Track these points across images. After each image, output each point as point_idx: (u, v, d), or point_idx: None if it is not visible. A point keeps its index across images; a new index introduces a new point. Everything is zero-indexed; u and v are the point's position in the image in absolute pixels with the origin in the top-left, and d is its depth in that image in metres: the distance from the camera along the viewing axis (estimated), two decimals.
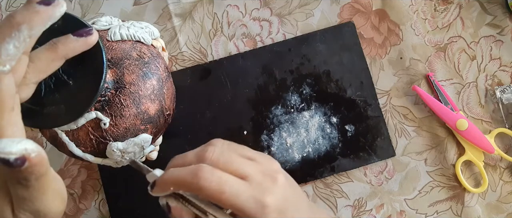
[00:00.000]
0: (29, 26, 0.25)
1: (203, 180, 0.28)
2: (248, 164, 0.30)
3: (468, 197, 0.49)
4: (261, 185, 0.29)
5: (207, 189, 0.28)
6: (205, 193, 0.28)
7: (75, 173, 0.51)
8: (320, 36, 0.51)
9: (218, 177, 0.28)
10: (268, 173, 0.30)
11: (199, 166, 0.29)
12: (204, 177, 0.28)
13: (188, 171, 0.29)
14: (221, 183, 0.28)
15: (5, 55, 0.24)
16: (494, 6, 0.52)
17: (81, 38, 0.29)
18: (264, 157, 0.33)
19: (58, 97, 0.32)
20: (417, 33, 0.52)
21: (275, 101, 0.51)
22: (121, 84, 0.37)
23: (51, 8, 0.26)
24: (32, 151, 0.22)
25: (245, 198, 0.28)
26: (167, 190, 0.30)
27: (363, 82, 0.51)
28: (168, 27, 0.53)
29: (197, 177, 0.28)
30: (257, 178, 0.29)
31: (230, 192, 0.28)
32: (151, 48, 0.41)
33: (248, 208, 0.28)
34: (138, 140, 0.37)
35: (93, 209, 0.50)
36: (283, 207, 0.29)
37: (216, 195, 0.28)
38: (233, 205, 0.28)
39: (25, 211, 0.25)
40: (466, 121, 0.48)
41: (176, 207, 0.30)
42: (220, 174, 0.28)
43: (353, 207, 0.50)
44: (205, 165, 0.29)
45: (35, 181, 0.24)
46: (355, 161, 0.49)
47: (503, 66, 0.51)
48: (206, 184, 0.28)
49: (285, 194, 0.30)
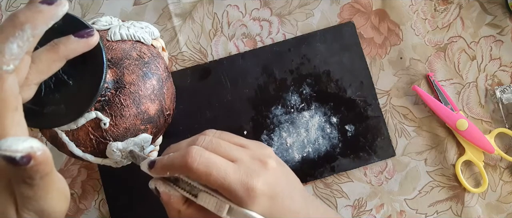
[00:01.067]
0: (33, 26, 0.25)
1: (191, 161, 0.28)
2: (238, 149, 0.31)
3: (468, 197, 0.49)
4: (249, 168, 0.29)
5: (195, 170, 0.28)
6: (193, 174, 0.28)
7: (75, 173, 0.51)
8: (320, 36, 0.51)
9: (206, 158, 0.28)
10: (259, 157, 0.30)
11: (188, 148, 0.29)
12: (192, 158, 0.28)
13: (178, 154, 0.29)
14: (209, 165, 0.28)
15: (9, 55, 0.24)
16: (494, 6, 0.52)
17: (82, 39, 0.29)
18: (257, 144, 0.33)
19: (58, 97, 0.32)
20: (417, 33, 0.52)
21: (275, 101, 0.51)
22: (121, 84, 0.37)
23: (53, 7, 0.26)
24: (38, 149, 0.22)
25: (232, 179, 0.28)
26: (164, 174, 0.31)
27: (363, 82, 0.51)
28: (168, 27, 0.53)
29: (185, 158, 0.28)
30: (246, 161, 0.30)
31: (218, 173, 0.28)
32: (151, 48, 0.41)
33: (235, 190, 0.28)
34: (138, 140, 0.37)
35: (93, 209, 0.50)
36: (273, 192, 0.29)
37: (203, 176, 0.28)
38: (220, 186, 0.28)
39: (29, 210, 0.25)
40: (466, 121, 0.48)
41: (164, 191, 0.31)
42: (208, 155, 0.29)
43: (353, 207, 0.50)
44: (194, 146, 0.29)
45: (39, 180, 0.24)
46: (355, 161, 0.49)
47: (503, 66, 0.51)
48: (194, 165, 0.28)
49: (276, 179, 0.30)
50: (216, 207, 0.29)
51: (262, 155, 0.31)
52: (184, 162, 0.29)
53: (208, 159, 0.29)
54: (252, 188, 0.28)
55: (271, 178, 0.30)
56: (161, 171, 0.31)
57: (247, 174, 0.29)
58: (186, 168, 0.28)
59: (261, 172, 0.29)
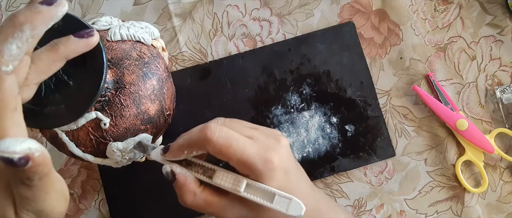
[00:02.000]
0: (32, 26, 0.25)
1: (211, 133, 0.29)
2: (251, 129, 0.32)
3: (468, 197, 0.49)
4: (266, 143, 0.30)
5: (215, 142, 0.29)
6: (213, 146, 0.29)
7: (75, 173, 0.51)
8: (320, 36, 0.51)
9: (225, 132, 0.29)
10: (272, 135, 0.32)
11: (206, 123, 0.30)
12: (212, 130, 0.29)
13: (196, 129, 0.30)
14: (228, 137, 0.29)
15: (8, 56, 0.24)
16: (494, 6, 0.52)
17: (82, 39, 0.29)
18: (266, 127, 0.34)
19: (58, 97, 0.32)
20: (417, 33, 0.52)
21: (275, 101, 0.51)
22: (121, 85, 0.37)
23: (53, 8, 0.26)
24: (36, 150, 0.22)
25: (251, 152, 0.29)
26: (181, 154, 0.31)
27: (363, 82, 0.51)
28: (168, 27, 0.53)
29: (204, 132, 0.29)
30: (261, 138, 0.31)
31: (237, 145, 0.29)
32: (151, 48, 0.41)
33: (254, 163, 0.29)
34: (138, 140, 0.37)
35: (93, 209, 0.50)
36: (287, 167, 0.30)
37: (223, 148, 0.29)
38: (240, 158, 0.29)
39: (28, 211, 0.25)
40: (466, 121, 0.48)
41: (181, 173, 0.31)
42: (227, 130, 0.30)
43: (353, 207, 0.50)
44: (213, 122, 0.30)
45: (38, 180, 0.24)
46: (355, 161, 0.49)
47: (503, 66, 0.51)
48: (214, 138, 0.29)
49: (289, 156, 0.31)
50: (234, 184, 0.30)
51: (274, 134, 0.32)
52: (203, 135, 0.29)
53: (227, 132, 0.29)
54: (271, 161, 0.29)
55: (285, 153, 0.31)
56: (177, 152, 0.31)
57: (264, 148, 0.30)
58: (206, 140, 0.29)
59: (276, 147, 0.30)
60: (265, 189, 0.29)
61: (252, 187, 0.29)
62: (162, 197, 0.49)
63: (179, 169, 0.31)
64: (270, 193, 0.29)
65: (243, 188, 0.29)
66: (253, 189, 0.29)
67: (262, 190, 0.29)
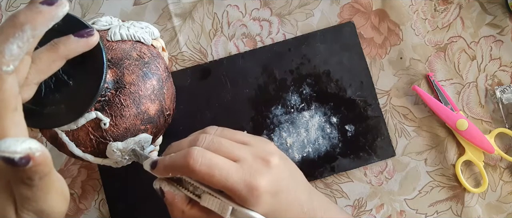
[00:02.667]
0: (33, 26, 0.25)
1: (193, 162, 0.28)
2: (240, 147, 0.31)
3: (468, 197, 0.49)
4: (252, 167, 0.29)
5: (198, 171, 0.28)
6: (196, 175, 0.28)
7: (75, 173, 0.51)
8: (320, 36, 0.51)
9: (208, 159, 0.28)
10: (261, 155, 0.30)
11: (190, 149, 0.29)
12: (194, 159, 0.28)
13: (180, 155, 0.29)
14: (211, 165, 0.28)
15: (9, 56, 0.24)
16: (494, 6, 0.52)
17: (82, 39, 0.29)
18: (259, 140, 0.33)
19: (58, 97, 0.32)
20: (417, 33, 0.52)
21: (275, 101, 0.51)
22: (121, 85, 0.37)
23: (54, 8, 0.26)
24: (37, 150, 0.22)
25: (235, 180, 0.28)
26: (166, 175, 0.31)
27: (363, 82, 0.51)
28: (168, 27, 0.53)
29: (187, 159, 0.28)
30: (249, 160, 0.30)
31: (220, 174, 0.28)
32: (151, 48, 0.41)
33: (239, 190, 0.28)
34: (138, 140, 0.37)
35: (93, 209, 0.50)
36: (277, 188, 0.30)
37: (206, 177, 0.28)
38: (224, 187, 0.28)
39: (28, 211, 0.25)
40: (466, 121, 0.48)
41: (169, 191, 0.31)
42: (210, 156, 0.29)
43: (353, 207, 0.50)
44: (196, 147, 0.29)
45: (39, 180, 0.24)
46: (355, 161, 0.49)
47: (503, 66, 0.51)
48: (196, 167, 0.28)
49: (279, 176, 0.30)
50: (220, 209, 0.29)
51: (264, 152, 0.31)
52: (186, 163, 0.28)
53: (210, 160, 0.29)
54: (256, 187, 0.28)
55: (274, 175, 0.30)
56: (163, 172, 0.31)
57: (250, 174, 0.29)
58: (188, 169, 0.29)
59: (264, 170, 0.29)
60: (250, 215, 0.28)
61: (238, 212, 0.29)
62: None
63: (168, 187, 0.31)
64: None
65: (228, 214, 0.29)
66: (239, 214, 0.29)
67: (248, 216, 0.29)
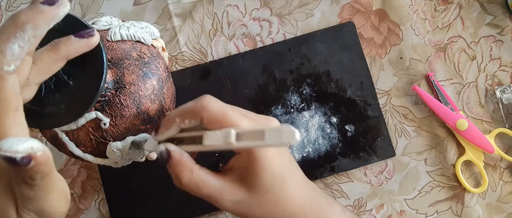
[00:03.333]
0: (34, 26, 0.25)
1: (207, 101, 0.29)
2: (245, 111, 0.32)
3: (468, 197, 0.49)
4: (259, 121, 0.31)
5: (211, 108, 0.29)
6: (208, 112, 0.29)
7: (75, 173, 0.51)
8: (320, 36, 0.51)
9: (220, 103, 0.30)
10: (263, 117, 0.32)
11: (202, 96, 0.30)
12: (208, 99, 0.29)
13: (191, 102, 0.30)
14: (224, 106, 0.29)
15: (10, 55, 0.24)
16: (494, 6, 0.52)
17: (83, 40, 0.29)
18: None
19: (58, 97, 0.32)
20: (417, 33, 0.52)
21: (275, 101, 0.51)
22: (121, 85, 0.37)
23: (55, 8, 0.26)
24: (38, 149, 0.22)
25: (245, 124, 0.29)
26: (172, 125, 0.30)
27: (363, 82, 0.51)
28: (168, 27, 0.53)
29: (201, 100, 0.29)
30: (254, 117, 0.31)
31: (232, 114, 0.29)
32: (151, 48, 0.41)
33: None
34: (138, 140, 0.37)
35: (93, 209, 0.50)
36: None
37: (218, 116, 0.29)
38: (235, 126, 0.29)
39: (29, 210, 0.25)
40: (466, 121, 0.48)
41: (175, 150, 0.30)
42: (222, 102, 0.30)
43: (353, 207, 0.50)
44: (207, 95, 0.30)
45: (40, 180, 0.24)
46: (355, 161, 0.49)
47: (503, 66, 0.51)
48: (210, 104, 0.29)
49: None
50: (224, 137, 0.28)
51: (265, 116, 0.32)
52: (200, 103, 0.29)
53: (222, 103, 0.30)
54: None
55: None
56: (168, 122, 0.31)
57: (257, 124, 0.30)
58: (202, 107, 0.29)
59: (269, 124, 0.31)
60: (255, 129, 0.28)
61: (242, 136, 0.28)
62: (162, 197, 0.49)
63: (173, 147, 0.30)
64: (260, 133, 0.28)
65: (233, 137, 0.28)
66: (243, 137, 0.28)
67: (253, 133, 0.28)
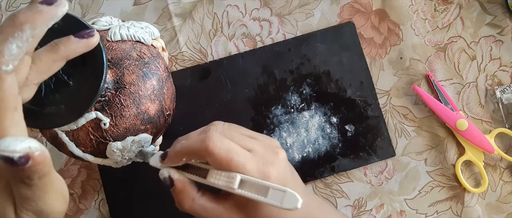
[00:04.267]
0: (32, 26, 0.25)
1: (212, 145, 0.29)
2: (250, 140, 0.32)
3: (468, 197, 0.49)
4: (264, 157, 0.30)
5: (217, 155, 0.29)
6: (214, 159, 0.29)
7: (75, 173, 0.51)
8: (320, 36, 0.51)
9: (226, 144, 0.29)
10: (270, 148, 0.31)
11: (208, 134, 0.29)
12: (214, 142, 0.29)
13: (197, 139, 0.30)
14: (230, 150, 0.29)
15: (8, 55, 0.24)
16: (494, 6, 0.52)
17: (83, 40, 0.29)
18: (264, 136, 0.34)
19: (58, 97, 0.32)
20: (417, 33, 0.52)
21: (275, 101, 0.51)
22: (121, 85, 0.37)
23: (53, 8, 0.26)
24: (36, 149, 0.22)
25: (251, 167, 0.29)
26: (179, 161, 0.31)
27: (363, 82, 0.51)
28: (168, 27, 0.53)
29: (206, 143, 0.29)
30: (260, 151, 0.31)
31: (238, 160, 0.29)
32: (151, 48, 0.41)
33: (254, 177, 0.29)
34: (138, 140, 0.37)
35: (93, 209, 0.50)
36: (284, 180, 0.31)
37: (224, 162, 0.29)
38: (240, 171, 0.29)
39: (28, 210, 0.25)
40: (466, 121, 0.48)
41: (179, 179, 0.31)
42: (228, 142, 0.29)
43: (353, 207, 0.50)
44: (213, 132, 0.30)
45: (38, 180, 0.24)
46: (355, 161, 0.49)
47: (503, 66, 0.51)
48: (216, 150, 0.29)
49: (286, 169, 0.32)
50: (227, 180, 0.29)
51: (272, 146, 0.32)
52: (205, 146, 0.29)
53: (229, 145, 0.29)
54: (268, 176, 0.29)
55: (282, 167, 0.31)
56: (175, 158, 0.31)
57: (263, 163, 0.30)
58: (207, 152, 0.29)
59: (275, 161, 0.30)
60: (259, 183, 0.29)
61: (246, 183, 0.29)
62: (162, 197, 0.49)
63: (177, 175, 0.31)
64: (264, 188, 0.28)
65: (236, 184, 0.29)
66: (247, 185, 0.29)
67: (256, 185, 0.29)
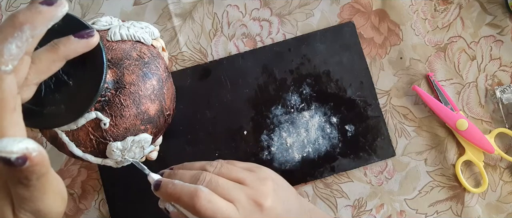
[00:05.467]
0: (32, 26, 0.25)
1: (199, 205, 0.31)
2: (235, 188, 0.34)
3: (468, 197, 0.49)
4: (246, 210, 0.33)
5: (203, 213, 0.31)
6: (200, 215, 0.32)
7: (75, 173, 0.51)
8: (320, 36, 0.51)
9: (213, 204, 0.32)
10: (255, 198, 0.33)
11: (197, 190, 0.32)
12: (200, 203, 0.31)
13: (187, 192, 0.32)
14: (215, 210, 0.31)
15: (8, 55, 0.24)
16: (494, 6, 0.52)
17: (83, 40, 0.29)
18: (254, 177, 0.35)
19: (58, 97, 0.32)
20: (417, 33, 0.52)
21: (275, 101, 0.51)
22: (121, 85, 0.37)
23: (53, 8, 0.26)
24: (33, 150, 0.22)
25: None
26: (168, 201, 0.34)
27: (363, 82, 0.51)
28: (168, 27, 0.53)
29: (194, 201, 0.32)
30: (244, 203, 0.33)
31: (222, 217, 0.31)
32: (151, 48, 0.41)
33: None
34: (138, 140, 0.37)
35: (93, 209, 0.50)
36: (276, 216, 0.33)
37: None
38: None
39: (25, 211, 0.25)
40: (466, 121, 0.48)
41: (173, 211, 0.34)
42: (215, 201, 0.32)
43: (353, 207, 0.50)
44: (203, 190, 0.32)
45: (36, 180, 0.24)
46: (355, 161, 0.49)
47: (503, 66, 0.51)
48: (202, 209, 0.31)
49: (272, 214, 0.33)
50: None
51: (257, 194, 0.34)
52: (192, 204, 0.32)
53: (215, 204, 0.32)
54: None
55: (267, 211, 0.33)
56: (167, 198, 0.34)
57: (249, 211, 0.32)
58: (194, 209, 0.31)
59: (257, 214, 0.33)
60: None
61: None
62: None
63: (172, 208, 0.34)
64: None
65: None
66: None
67: None
